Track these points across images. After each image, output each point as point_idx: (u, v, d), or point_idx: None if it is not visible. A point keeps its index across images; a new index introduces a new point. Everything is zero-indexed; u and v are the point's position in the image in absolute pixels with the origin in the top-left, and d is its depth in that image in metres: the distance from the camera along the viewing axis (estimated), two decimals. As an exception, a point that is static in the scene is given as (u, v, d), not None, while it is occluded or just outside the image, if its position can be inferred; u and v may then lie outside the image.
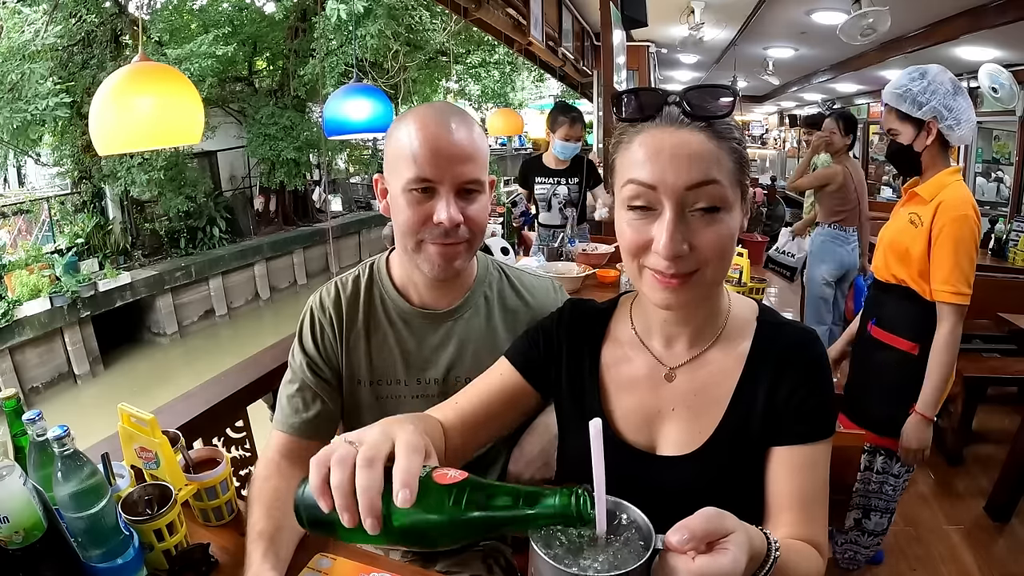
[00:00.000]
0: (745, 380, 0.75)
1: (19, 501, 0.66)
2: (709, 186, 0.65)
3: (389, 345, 1.02)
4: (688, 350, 0.78)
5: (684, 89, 0.67)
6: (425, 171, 0.89)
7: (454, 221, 0.90)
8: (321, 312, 1.02)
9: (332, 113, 2.71)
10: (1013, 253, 3.58)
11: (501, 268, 1.10)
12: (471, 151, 0.91)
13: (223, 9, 9.86)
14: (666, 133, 0.66)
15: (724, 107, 0.67)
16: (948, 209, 1.54)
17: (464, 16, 3.52)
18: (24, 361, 7.34)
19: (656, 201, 0.66)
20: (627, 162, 0.69)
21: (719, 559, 0.47)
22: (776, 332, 0.77)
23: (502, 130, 5.87)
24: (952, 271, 1.53)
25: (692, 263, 0.66)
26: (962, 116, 1.54)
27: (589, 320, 0.86)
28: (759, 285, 2.02)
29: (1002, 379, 2.71)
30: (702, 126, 0.66)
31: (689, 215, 0.66)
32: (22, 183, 9.21)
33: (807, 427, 0.72)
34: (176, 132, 1.51)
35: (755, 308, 0.81)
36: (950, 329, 1.55)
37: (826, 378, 0.74)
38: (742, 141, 0.70)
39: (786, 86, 7.94)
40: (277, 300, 10.95)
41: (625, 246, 0.70)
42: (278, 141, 10.05)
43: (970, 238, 1.53)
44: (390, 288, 1.03)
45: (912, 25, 3.97)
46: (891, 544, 2.16)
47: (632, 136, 0.69)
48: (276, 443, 0.97)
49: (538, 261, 2.56)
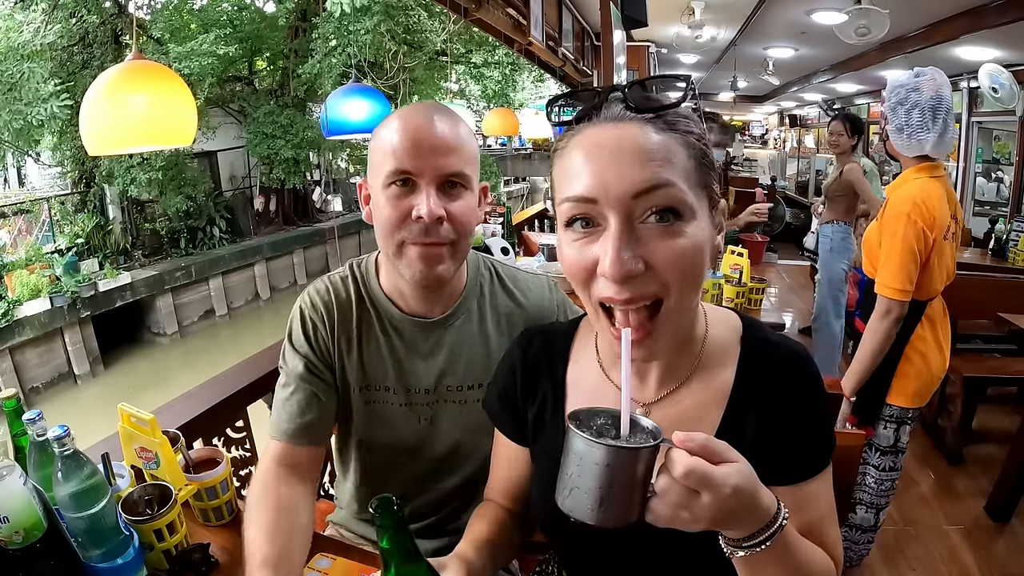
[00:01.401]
0: (730, 415, 0.66)
1: (19, 501, 0.66)
2: (661, 190, 0.54)
3: (380, 352, 0.97)
4: (660, 387, 0.69)
5: (626, 83, 0.58)
6: (404, 162, 0.84)
7: (434, 215, 0.83)
8: (313, 311, 0.97)
9: (332, 113, 2.71)
10: (1013, 253, 3.57)
11: (493, 267, 1.04)
12: (454, 143, 0.86)
13: (223, 9, 9.87)
14: (605, 130, 0.57)
15: (674, 97, 0.57)
16: (890, 206, 1.61)
17: (464, 16, 3.52)
18: (24, 361, 7.34)
19: (599, 215, 0.56)
20: (562, 173, 0.59)
21: (714, 467, 0.49)
22: (763, 354, 0.68)
23: (498, 130, 5.85)
24: (885, 265, 1.58)
25: (651, 284, 0.56)
26: (903, 126, 1.58)
27: (547, 353, 0.79)
28: (759, 285, 2.02)
29: (1002, 379, 2.71)
30: (649, 118, 0.56)
31: (640, 227, 0.55)
32: (22, 183, 9.21)
33: (807, 462, 0.65)
34: (168, 133, 1.44)
35: (738, 326, 0.71)
36: (879, 318, 1.60)
37: (821, 402, 0.67)
38: (704, 136, 0.59)
39: (786, 86, 7.94)
40: (277, 300, 10.95)
41: (570, 274, 0.60)
42: (277, 140, 10.05)
43: (904, 235, 1.55)
44: (379, 294, 0.98)
45: (912, 25, 3.97)
46: (891, 544, 2.16)
47: (567, 141, 0.60)
48: (273, 452, 0.92)
49: (538, 261, 2.56)
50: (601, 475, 0.50)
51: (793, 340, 0.72)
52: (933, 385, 1.71)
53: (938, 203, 1.57)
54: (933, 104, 1.55)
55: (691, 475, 0.48)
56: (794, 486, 0.65)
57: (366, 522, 1.09)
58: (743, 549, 0.54)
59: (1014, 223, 3.81)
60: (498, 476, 0.85)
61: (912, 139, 1.59)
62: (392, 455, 1.00)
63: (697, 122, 0.60)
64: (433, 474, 1.01)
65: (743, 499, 0.51)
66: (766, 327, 0.73)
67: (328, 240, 12.00)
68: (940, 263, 1.62)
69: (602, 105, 0.58)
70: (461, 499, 1.02)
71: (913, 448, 2.78)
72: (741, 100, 9.64)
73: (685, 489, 0.49)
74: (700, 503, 0.49)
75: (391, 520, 0.55)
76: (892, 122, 1.61)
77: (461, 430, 0.98)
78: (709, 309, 0.72)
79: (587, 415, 0.56)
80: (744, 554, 0.54)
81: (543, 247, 2.86)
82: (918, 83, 1.56)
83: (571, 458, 0.52)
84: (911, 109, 1.56)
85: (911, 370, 1.69)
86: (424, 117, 0.86)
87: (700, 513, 0.50)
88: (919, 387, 1.70)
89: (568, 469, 0.52)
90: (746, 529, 0.53)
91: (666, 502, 0.50)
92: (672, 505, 0.50)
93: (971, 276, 2.94)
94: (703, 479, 0.48)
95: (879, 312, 1.61)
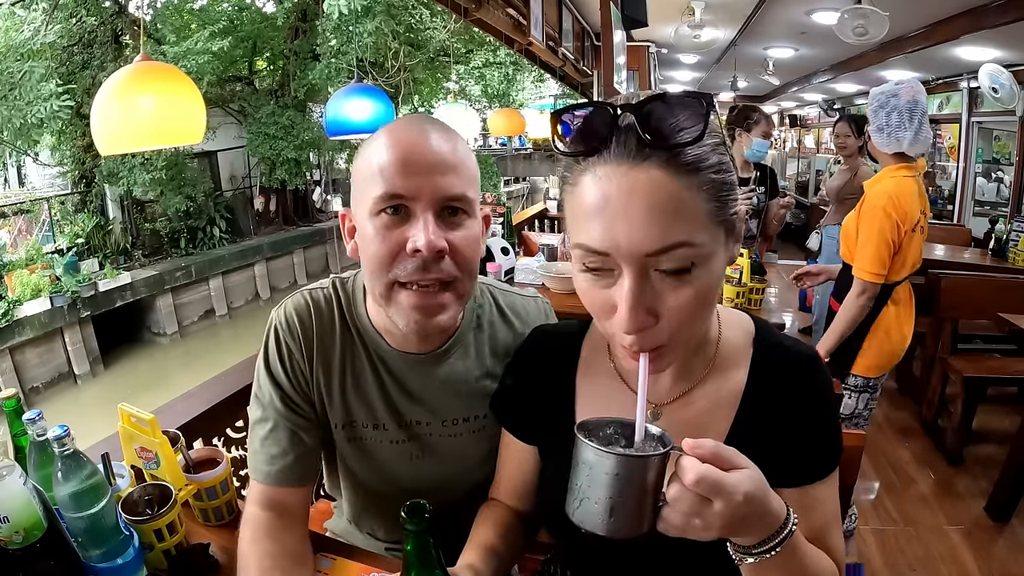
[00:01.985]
0: (742, 418, 0.67)
1: (19, 501, 0.66)
2: (674, 250, 0.52)
3: (366, 387, 0.87)
4: (675, 386, 0.69)
5: (640, 103, 0.52)
6: (395, 184, 0.71)
7: (434, 247, 0.70)
8: (289, 335, 0.85)
9: (333, 113, 2.71)
10: (1013, 253, 3.57)
11: (492, 297, 0.94)
12: (453, 161, 0.73)
13: (223, 9, 9.87)
14: (617, 173, 0.52)
15: (694, 129, 0.51)
16: (868, 199, 1.86)
17: (464, 16, 3.52)
18: (24, 361, 7.35)
19: (612, 263, 0.54)
20: (574, 215, 0.56)
21: (725, 474, 0.49)
22: (775, 356, 0.68)
23: (504, 130, 5.86)
24: (862, 252, 1.84)
25: (661, 335, 0.56)
26: (883, 126, 1.82)
27: (557, 352, 0.78)
28: (759, 285, 2.02)
29: (1002, 379, 2.71)
30: (664, 159, 0.51)
31: (654, 275, 0.54)
32: (22, 183, 9.21)
33: (815, 465, 0.65)
34: (178, 132, 1.50)
35: (750, 328, 0.71)
36: (855, 296, 1.87)
37: (831, 406, 0.67)
38: (723, 162, 0.55)
39: (786, 86, 7.93)
40: (277, 300, 10.66)
41: (589, 307, 0.60)
42: (278, 140, 10.06)
43: (880, 227, 1.79)
44: (367, 324, 0.86)
45: (912, 25, 3.97)
46: (891, 544, 2.16)
47: (577, 176, 0.55)
48: (257, 496, 0.83)
49: (538, 261, 2.56)
50: (611, 485, 0.50)
51: (805, 344, 0.73)
52: (894, 359, 1.96)
53: (910, 199, 1.80)
54: (910, 107, 1.76)
55: (702, 482, 0.48)
56: (801, 489, 0.65)
57: (365, 535, 1.04)
58: (752, 556, 0.53)
59: (1014, 223, 3.80)
60: (505, 475, 0.85)
61: (891, 137, 1.79)
62: (381, 488, 0.93)
63: (716, 145, 0.54)
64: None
65: (754, 506, 0.50)
66: (778, 331, 0.73)
67: (328, 240, 12.00)
68: (909, 252, 1.85)
69: (613, 135, 0.53)
70: (451, 529, 0.98)
71: (913, 448, 2.80)
72: (741, 100, 9.64)
73: (697, 497, 0.49)
74: (712, 511, 0.49)
75: (420, 527, 0.55)
76: (874, 123, 1.83)
77: (454, 462, 0.92)
78: (723, 312, 0.72)
79: (596, 425, 0.56)
80: (753, 561, 0.53)
81: (543, 247, 2.87)
82: (897, 90, 1.78)
83: (580, 468, 0.52)
84: (891, 112, 1.78)
85: (875, 344, 1.92)
86: (417, 131, 0.74)
87: (712, 521, 0.49)
88: (881, 360, 1.94)
89: (578, 480, 0.52)
90: (756, 536, 0.53)
91: (678, 511, 0.50)
92: (684, 514, 0.50)
93: (971, 276, 2.94)
94: (715, 486, 0.48)
95: (855, 291, 1.86)
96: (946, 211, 5.90)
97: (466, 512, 0.85)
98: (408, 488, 0.91)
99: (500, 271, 2.24)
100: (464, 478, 0.92)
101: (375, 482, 0.93)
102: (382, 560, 0.88)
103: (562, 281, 2.18)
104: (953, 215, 5.76)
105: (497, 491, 0.86)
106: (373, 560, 0.86)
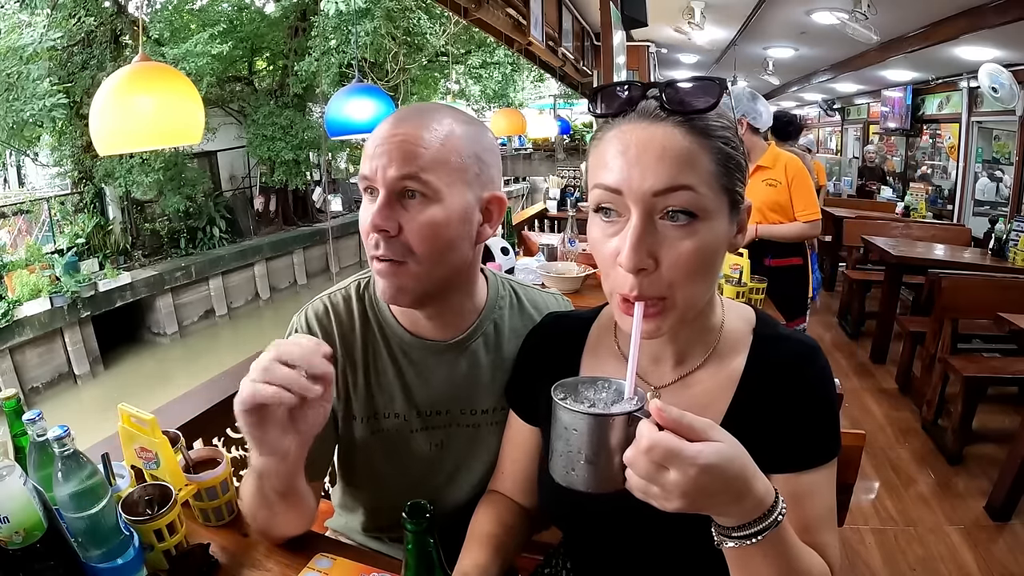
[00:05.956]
0: (738, 402, 0.68)
1: (19, 501, 0.66)
2: (679, 192, 0.58)
3: (388, 378, 0.90)
4: (675, 369, 0.72)
5: (667, 81, 0.60)
6: (364, 167, 0.77)
7: (375, 226, 0.74)
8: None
9: (334, 113, 2.71)
10: (1013, 253, 3.56)
11: (514, 290, 0.98)
12: (415, 144, 0.74)
13: (222, 9, 9.87)
14: (637, 128, 0.60)
15: (708, 100, 0.59)
16: (791, 166, 2.53)
17: (464, 16, 3.52)
18: (24, 361, 7.35)
19: (623, 207, 0.60)
20: (596, 163, 0.63)
21: (684, 443, 0.48)
22: (774, 347, 0.70)
23: (505, 130, 5.86)
24: (806, 202, 2.51)
25: (660, 284, 0.59)
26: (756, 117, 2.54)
27: (566, 335, 0.81)
28: (759, 285, 2.01)
29: (1002, 379, 2.71)
30: (679, 121, 0.59)
31: (659, 222, 0.59)
32: (22, 183, 9.22)
33: (808, 452, 0.66)
34: (177, 132, 1.50)
35: (751, 319, 0.74)
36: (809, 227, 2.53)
37: (828, 396, 0.68)
38: (732, 141, 0.61)
39: (786, 86, 7.94)
40: (277, 300, 10.95)
41: (598, 257, 0.64)
42: (276, 142, 10.06)
43: (808, 183, 2.54)
44: (388, 316, 0.90)
45: (912, 25, 3.97)
46: (891, 544, 2.16)
47: (604, 132, 0.63)
48: None
49: (538, 261, 2.56)
50: (579, 441, 0.53)
51: (805, 335, 0.74)
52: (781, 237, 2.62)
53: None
54: (754, 95, 2.58)
55: (655, 449, 0.48)
56: (795, 476, 0.65)
57: (365, 533, 1.04)
58: (732, 539, 0.53)
59: (1014, 223, 3.80)
60: (508, 459, 0.86)
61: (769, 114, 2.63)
62: (398, 480, 0.95)
63: (728, 126, 0.62)
64: (432, 501, 0.96)
65: (719, 480, 0.49)
66: (779, 323, 0.75)
67: (328, 240, 12.00)
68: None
69: (639, 101, 0.61)
70: (457, 525, 0.94)
71: (913, 448, 2.80)
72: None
73: (652, 463, 0.49)
74: (667, 478, 0.49)
75: (420, 527, 0.55)
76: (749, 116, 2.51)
77: (468, 455, 0.94)
78: (728, 303, 0.74)
79: (574, 385, 0.59)
80: (734, 544, 0.53)
81: (543, 247, 2.86)
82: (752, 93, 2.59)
83: (556, 425, 0.55)
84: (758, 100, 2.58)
85: None
86: (396, 116, 0.78)
87: (670, 490, 0.49)
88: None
89: (554, 436, 0.55)
90: (735, 517, 0.53)
91: (635, 474, 0.51)
92: (640, 478, 0.50)
93: (971, 276, 2.94)
94: (668, 454, 0.48)
95: (809, 224, 2.53)
96: (946, 211, 5.90)
97: (472, 511, 0.86)
98: (421, 482, 0.93)
99: (500, 271, 2.24)
100: (477, 472, 0.94)
101: (393, 474, 0.94)
102: (382, 560, 0.87)
103: (562, 281, 2.18)
104: (953, 215, 5.76)
105: (498, 481, 0.86)
106: (373, 560, 0.85)
